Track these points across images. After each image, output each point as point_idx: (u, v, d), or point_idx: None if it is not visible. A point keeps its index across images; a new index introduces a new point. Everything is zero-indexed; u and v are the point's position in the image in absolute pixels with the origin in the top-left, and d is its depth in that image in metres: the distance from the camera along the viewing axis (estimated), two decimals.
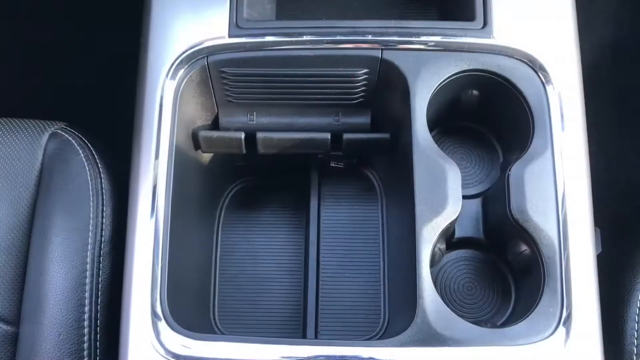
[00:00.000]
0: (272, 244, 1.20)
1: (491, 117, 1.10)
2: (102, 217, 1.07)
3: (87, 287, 1.03)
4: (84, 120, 1.21)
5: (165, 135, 1.01)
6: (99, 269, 1.05)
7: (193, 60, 1.02)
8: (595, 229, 0.99)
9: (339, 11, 1.13)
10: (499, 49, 1.02)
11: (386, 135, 1.11)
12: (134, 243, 0.98)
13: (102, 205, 1.07)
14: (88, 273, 1.03)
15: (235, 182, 1.25)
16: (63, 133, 1.12)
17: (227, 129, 1.11)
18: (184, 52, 1.02)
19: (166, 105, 1.01)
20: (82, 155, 1.09)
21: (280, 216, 1.22)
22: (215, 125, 1.13)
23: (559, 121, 0.99)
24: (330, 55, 1.02)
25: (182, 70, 1.02)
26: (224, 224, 1.22)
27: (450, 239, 1.06)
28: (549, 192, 0.95)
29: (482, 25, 1.03)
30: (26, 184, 1.09)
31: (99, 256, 1.05)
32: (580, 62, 1.04)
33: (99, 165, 1.10)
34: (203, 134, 1.09)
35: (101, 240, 1.06)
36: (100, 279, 1.05)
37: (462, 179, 0.96)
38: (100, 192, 1.08)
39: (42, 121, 1.14)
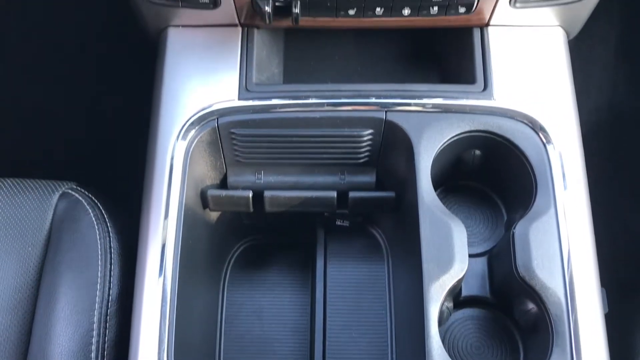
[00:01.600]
0: (277, 304, 1.20)
1: (494, 177, 1.13)
2: (110, 276, 1.07)
3: (93, 347, 1.02)
4: (94, 180, 1.23)
5: (175, 194, 1.02)
6: (105, 328, 1.04)
7: (204, 122, 1.05)
8: (602, 290, 0.99)
9: (344, 75, 1.17)
10: (500, 110, 1.05)
11: (391, 194, 1.12)
12: (141, 303, 0.98)
13: (110, 264, 1.08)
14: (94, 332, 1.03)
15: (241, 241, 1.26)
16: (73, 193, 1.14)
17: (235, 188, 1.13)
18: (195, 114, 1.05)
19: (176, 165, 1.04)
20: (92, 214, 1.11)
21: (286, 275, 1.23)
22: (223, 184, 1.15)
23: (561, 180, 1.01)
24: (335, 117, 1.06)
25: (192, 131, 1.05)
26: (230, 283, 1.22)
27: (457, 298, 1.06)
28: (554, 250, 0.96)
29: (482, 88, 1.07)
30: (35, 243, 1.10)
31: (106, 315, 1.05)
32: (579, 123, 1.07)
33: (108, 224, 1.11)
34: (212, 192, 1.10)
35: (108, 299, 1.06)
36: (106, 338, 1.04)
37: (467, 238, 0.97)
38: (108, 250, 1.08)
39: (52, 181, 1.16)
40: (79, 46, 1.84)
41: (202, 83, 1.07)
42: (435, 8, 1.03)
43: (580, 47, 1.31)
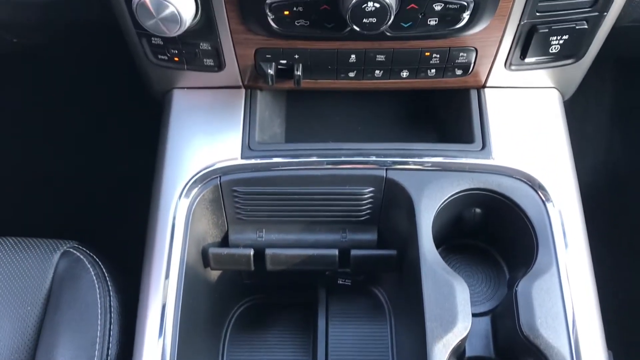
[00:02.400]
0: None
1: (495, 235, 1.13)
2: (110, 336, 1.06)
3: None
4: (96, 239, 1.23)
5: (176, 253, 1.02)
6: None
7: (206, 180, 1.06)
8: (608, 352, 0.98)
9: (344, 134, 1.19)
10: (499, 169, 1.07)
11: (393, 252, 1.12)
12: None
13: (110, 323, 1.07)
14: None
15: (242, 300, 1.25)
16: (74, 251, 1.14)
17: (237, 246, 1.13)
18: (198, 173, 1.07)
19: (178, 223, 1.04)
20: (92, 272, 1.10)
21: (287, 335, 1.21)
22: (224, 242, 1.15)
23: (562, 238, 1.02)
24: (336, 175, 1.07)
25: (195, 190, 1.06)
26: (230, 343, 1.20)
27: (461, 358, 1.04)
28: (558, 308, 0.95)
29: (481, 147, 1.08)
30: (35, 302, 1.09)
31: None
32: (577, 182, 1.08)
33: (109, 283, 1.11)
34: (213, 251, 1.10)
35: (107, 359, 1.04)
36: None
37: (469, 296, 0.97)
38: (108, 310, 1.07)
39: (53, 240, 1.16)
40: (80, 107, 1.87)
41: (206, 142, 1.09)
42: (433, 71, 1.07)
43: (575, 107, 1.35)
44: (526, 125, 1.11)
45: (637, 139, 1.80)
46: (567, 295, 0.96)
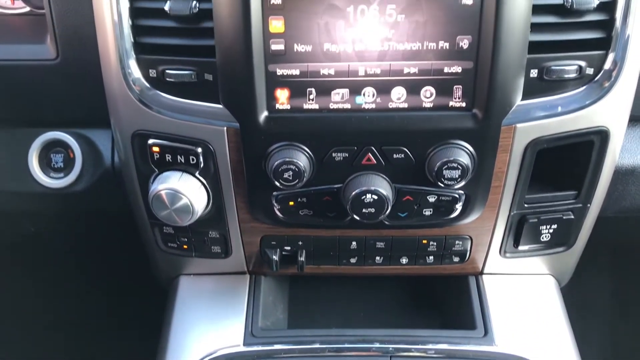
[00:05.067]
0: None
1: None
2: None
3: None
4: None
5: None
6: None
7: None
8: None
9: (347, 319, 1.20)
10: (502, 356, 1.06)
11: None
12: None
13: None
14: None
15: None
16: None
17: None
18: None
19: None
20: None
21: None
22: None
23: None
24: None
25: None
26: None
27: None
28: None
29: (483, 334, 1.09)
30: None
31: None
32: None
33: None
34: None
35: None
36: None
37: None
38: None
39: None
40: (88, 293, 1.89)
41: (209, 329, 1.10)
42: (431, 257, 1.11)
43: (574, 294, 1.37)
44: (527, 312, 1.12)
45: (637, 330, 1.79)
46: None
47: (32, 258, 1.83)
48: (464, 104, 0.90)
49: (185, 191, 0.96)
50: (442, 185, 0.93)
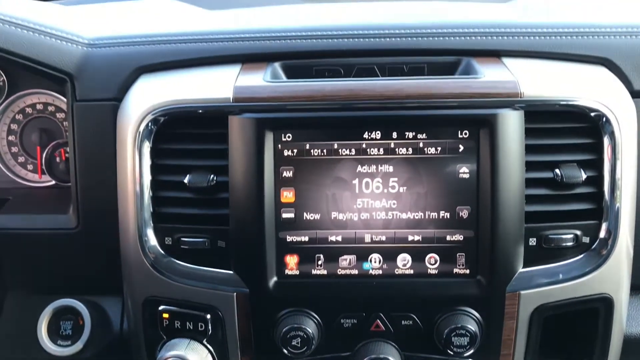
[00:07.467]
0: None
1: None
2: None
3: None
4: None
5: None
6: None
7: None
8: None
9: None
10: None
11: None
12: None
13: None
14: None
15: None
16: None
17: None
18: None
19: None
20: None
21: None
22: None
23: None
24: None
25: None
26: None
27: None
28: None
29: None
30: None
31: None
32: None
33: None
34: None
35: None
36: None
37: None
38: None
39: None
40: None
41: None
42: None
43: None
44: None
45: None
46: None
47: None
48: (467, 271, 0.93)
49: (193, 359, 0.95)
50: (451, 352, 0.92)
